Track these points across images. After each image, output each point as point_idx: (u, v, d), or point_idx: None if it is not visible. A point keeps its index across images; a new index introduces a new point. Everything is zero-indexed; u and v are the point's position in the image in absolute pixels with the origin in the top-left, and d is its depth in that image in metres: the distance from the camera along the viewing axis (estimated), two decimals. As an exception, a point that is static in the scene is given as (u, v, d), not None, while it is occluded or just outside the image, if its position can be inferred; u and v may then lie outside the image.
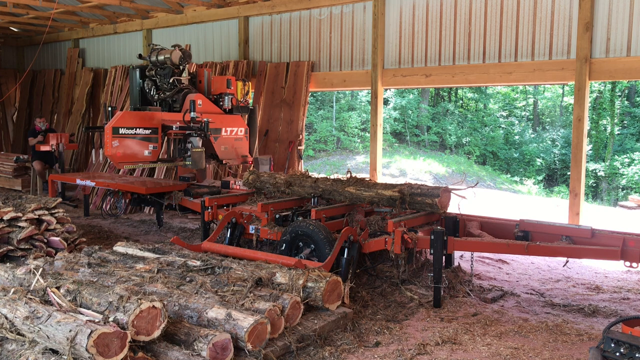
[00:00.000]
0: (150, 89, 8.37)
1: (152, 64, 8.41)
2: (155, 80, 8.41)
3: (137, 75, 8.48)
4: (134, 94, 8.53)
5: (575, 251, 5.17)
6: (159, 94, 8.32)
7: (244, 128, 8.67)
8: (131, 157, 7.33)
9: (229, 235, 6.50)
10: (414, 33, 9.12)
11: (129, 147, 7.29)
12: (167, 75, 8.30)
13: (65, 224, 6.34)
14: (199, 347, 3.55)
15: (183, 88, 8.29)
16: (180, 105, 8.21)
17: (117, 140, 7.17)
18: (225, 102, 8.50)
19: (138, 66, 8.61)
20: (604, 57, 7.46)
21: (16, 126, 16.36)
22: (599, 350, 3.18)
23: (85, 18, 13.69)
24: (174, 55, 8.24)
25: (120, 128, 7.20)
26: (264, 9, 10.70)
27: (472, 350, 4.31)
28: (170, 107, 8.31)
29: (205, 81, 8.73)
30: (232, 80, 8.64)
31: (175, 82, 8.27)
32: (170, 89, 8.24)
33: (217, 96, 8.60)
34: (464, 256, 7.05)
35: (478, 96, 28.45)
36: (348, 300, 4.91)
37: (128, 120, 7.35)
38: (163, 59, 8.29)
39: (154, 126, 7.58)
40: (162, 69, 8.35)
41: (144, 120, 7.53)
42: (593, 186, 22.75)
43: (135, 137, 7.36)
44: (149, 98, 8.42)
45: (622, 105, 24.48)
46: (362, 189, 6.23)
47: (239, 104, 8.73)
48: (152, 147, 7.55)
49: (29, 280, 4.48)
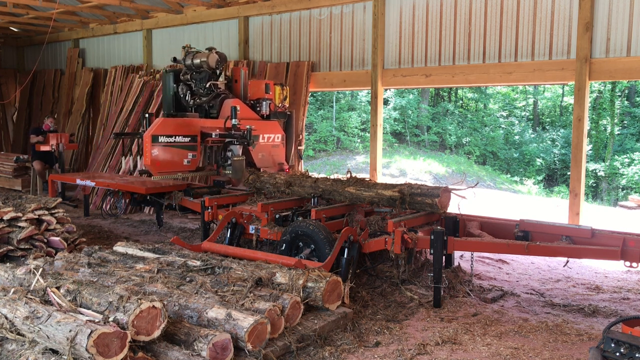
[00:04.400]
0: (185, 94, 7.92)
1: (187, 68, 7.93)
2: (190, 84, 7.96)
3: (171, 79, 8.03)
4: (168, 99, 8.09)
5: (575, 251, 5.17)
6: (194, 99, 7.90)
7: (280, 134, 8.31)
8: (170, 166, 6.92)
9: (229, 235, 6.50)
10: (414, 33, 9.12)
11: (168, 155, 6.86)
12: (204, 80, 7.83)
13: (65, 224, 6.34)
14: (199, 347, 3.55)
15: (220, 93, 7.87)
16: (217, 111, 7.79)
17: (156, 148, 6.73)
18: (262, 108, 8.13)
19: (171, 70, 8.16)
20: (604, 57, 7.46)
21: (16, 126, 16.36)
22: (599, 350, 3.18)
23: (85, 18, 13.69)
24: (211, 58, 7.78)
25: (160, 136, 6.77)
26: (264, 9, 10.70)
27: (472, 350, 4.31)
28: (206, 114, 7.87)
29: (241, 81, 8.27)
30: (270, 84, 8.28)
31: (212, 87, 7.83)
32: (207, 94, 7.80)
33: (254, 101, 8.22)
34: (464, 256, 7.05)
35: (478, 96, 28.45)
36: (348, 300, 4.91)
37: (167, 128, 6.91)
38: (199, 63, 7.80)
39: (193, 134, 7.15)
40: (197, 73, 7.89)
41: (183, 128, 7.09)
42: (593, 186, 22.75)
43: (175, 145, 6.93)
44: (184, 103, 7.98)
45: (622, 105, 24.48)
46: (362, 189, 6.23)
47: (277, 109, 8.37)
48: (191, 155, 7.12)
49: (29, 280, 4.48)
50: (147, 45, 13.11)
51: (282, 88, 8.54)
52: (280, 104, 8.46)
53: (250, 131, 7.03)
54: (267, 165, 8.02)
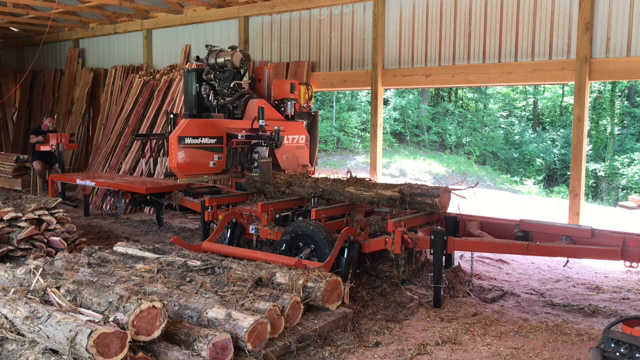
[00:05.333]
0: (208, 94, 7.68)
1: (210, 67, 7.69)
2: (213, 84, 7.72)
3: (194, 79, 7.78)
4: (190, 100, 7.83)
5: (575, 251, 5.17)
6: (217, 99, 7.66)
7: (304, 135, 8.08)
8: (197, 169, 6.68)
9: (229, 235, 6.50)
10: (414, 33, 9.12)
11: (194, 157, 6.61)
12: (228, 80, 7.57)
13: (65, 224, 6.34)
14: (199, 347, 3.55)
15: (244, 93, 7.65)
16: (241, 111, 7.55)
17: (182, 150, 6.49)
18: (287, 108, 7.90)
19: (193, 69, 7.91)
20: (604, 57, 7.46)
21: (16, 126, 16.36)
22: (599, 350, 3.18)
23: (85, 18, 13.69)
24: (235, 57, 7.53)
25: (186, 137, 6.52)
26: (264, 9, 10.70)
27: (472, 350, 4.31)
28: (230, 114, 7.62)
29: (265, 80, 8.03)
30: (295, 84, 8.07)
31: (236, 86, 7.60)
32: (231, 94, 7.56)
33: (278, 101, 8.01)
34: (464, 256, 7.05)
35: (478, 96, 28.45)
36: (348, 300, 4.91)
37: (194, 129, 6.65)
38: (223, 62, 7.55)
39: (219, 135, 6.90)
40: (221, 73, 7.63)
41: (209, 129, 6.84)
42: (593, 186, 22.75)
43: (201, 147, 6.69)
44: (207, 104, 7.73)
45: (622, 105, 24.48)
46: (362, 189, 6.23)
47: (302, 110, 8.15)
48: (217, 157, 6.88)
49: (29, 280, 4.48)
50: (147, 45, 13.11)
51: (307, 88, 8.32)
52: (305, 104, 8.24)
53: (278, 132, 6.76)
54: (291, 167, 7.78)
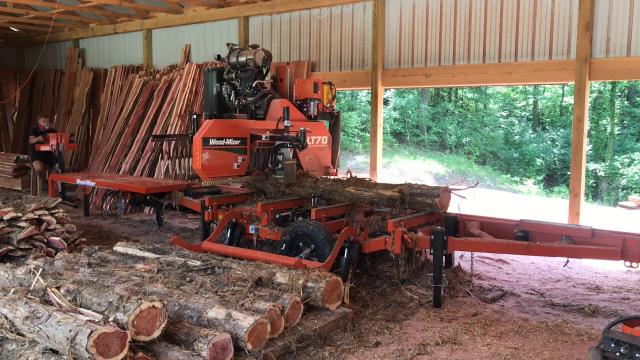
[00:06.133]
0: (230, 93, 7.45)
1: (232, 66, 7.42)
2: (234, 84, 7.48)
3: (214, 78, 7.55)
4: (210, 100, 7.61)
5: (575, 251, 5.17)
6: (239, 99, 7.42)
7: (327, 136, 7.84)
8: (221, 171, 6.51)
9: (229, 235, 6.50)
10: (414, 33, 9.12)
11: (219, 159, 6.42)
12: (250, 79, 7.34)
13: (65, 224, 6.34)
14: (199, 347, 3.55)
15: (267, 93, 7.43)
16: (264, 112, 7.34)
17: (207, 152, 6.30)
18: (310, 108, 7.66)
19: (214, 68, 7.67)
20: (604, 57, 7.46)
21: (16, 126, 16.36)
22: (599, 350, 3.18)
23: (85, 18, 13.69)
24: (258, 55, 7.28)
25: (211, 139, 6.34)
26: (264, 9, 10.70)
27: (472, 350, 4.31)
28: (252, 114, 7.42)
29: (287, 80, 7.81)
30: (319, 83, 7.86)
31: (259, 86, 7.37)
32: (253, 94, 7.31)
33: (301, 101, 7.73)
34: (464, 256, 7.05)
35: (478, 96, 28.44)
36: (348, 300, 4.91)
37: (218, 130, 6.46)
38: (245, 61, 7.29)
39: (243, 136, 6.71)
40: (243, 72, 7.38)
41: (234, 130, 6.65)
42: (593, 186, 22.74)
43: (225, 148, 6.50)
44: (228, 104, 7.50)
45: (622, 105, 24.47)
46: (362, 189, 6.23)
47: (324, 110, 7.92)
48: (241, 159, 6.68)
49: (29, 280, 4.48)
50: (147, 45, 13.11)
51: (330, 87, 8.06)
52: (328, 104, 8.00)
53: (304, 133, 6.56)
54: (314, 169, 7.52)
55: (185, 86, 11.01)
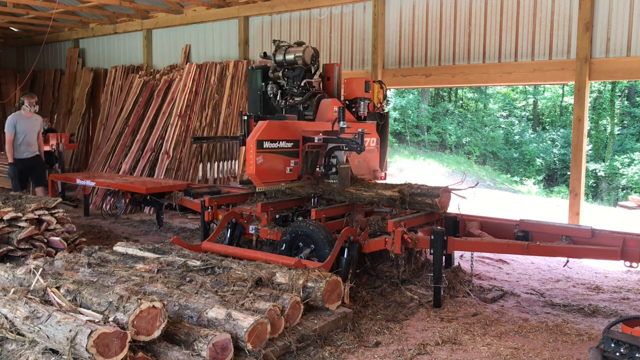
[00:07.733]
0: (276, 93, 7.05)
1: (278, 64, 7.00)
2: (280, 83, 7.07)
3: (259, 77, 7.15)
4: (255, 99, 7.19)
5: (575, 251, 5.17)
6: (286, 99, 7.03)
7: (375, 138, 7.43)
8: (275, 176, 6.14)
9: (229, 235, 6.50)
10: (414, 33, 9.12)
11: (272, 163, 6.04)
12: (298, 78, 6.92)
13: (65, 224, 6.34)
14: (199, 347, 3.55)
15: (316, 92, 7.03)
16: (313, 112, 6.97)
17: (261, 155, 5.88)
18: (360, 109, 7.27)
19: (259, 67, 7.27)
20: (604, 57, 7.46)
21: (16, 126, 16.35)
22: (599, 350, 3.18)
23: (85, 18, 13.70)
24: (307, 53, 6.86)
25: (265, 141, 5.91)
26: (264, 9, 10.70)
27: (472, 350, 4.31)
28: (300, 115, 7.03)
29: (335, 79, 7.41)
30: (370, 82, 7.45)
31: (307, 85, 6.96)
32: (302, 94, 6.92)
33: (350, 101, 7.33)
34: (464, 256, 7.05)
35: (478, 96, 28.45)
36: (348, 300, 4.91)
37: (272, 132, 6.03)
38: (292, 59, 6.87)
39: (295, 138, 6.29)
40: (291, 70, 6.97)
41: (286, 132, 6.22)
42: (593, 186, 22.74)
43: (279, 151, 6.09)
44: (273, 104, 7.12)
45: (622, 105, 24.48)
46: (362, 189, 6.23)
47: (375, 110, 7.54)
48: (293, 163, 6.25)
49: (29, 280, 4.47)
50: (147, 45, 13.11)
51: (381, 86, 7.67)
52: (378, 104, 7.61)
53: (362, 135, 6.07)
54: (363, 172, 7.12)
55: (185, 86, 11.01)
